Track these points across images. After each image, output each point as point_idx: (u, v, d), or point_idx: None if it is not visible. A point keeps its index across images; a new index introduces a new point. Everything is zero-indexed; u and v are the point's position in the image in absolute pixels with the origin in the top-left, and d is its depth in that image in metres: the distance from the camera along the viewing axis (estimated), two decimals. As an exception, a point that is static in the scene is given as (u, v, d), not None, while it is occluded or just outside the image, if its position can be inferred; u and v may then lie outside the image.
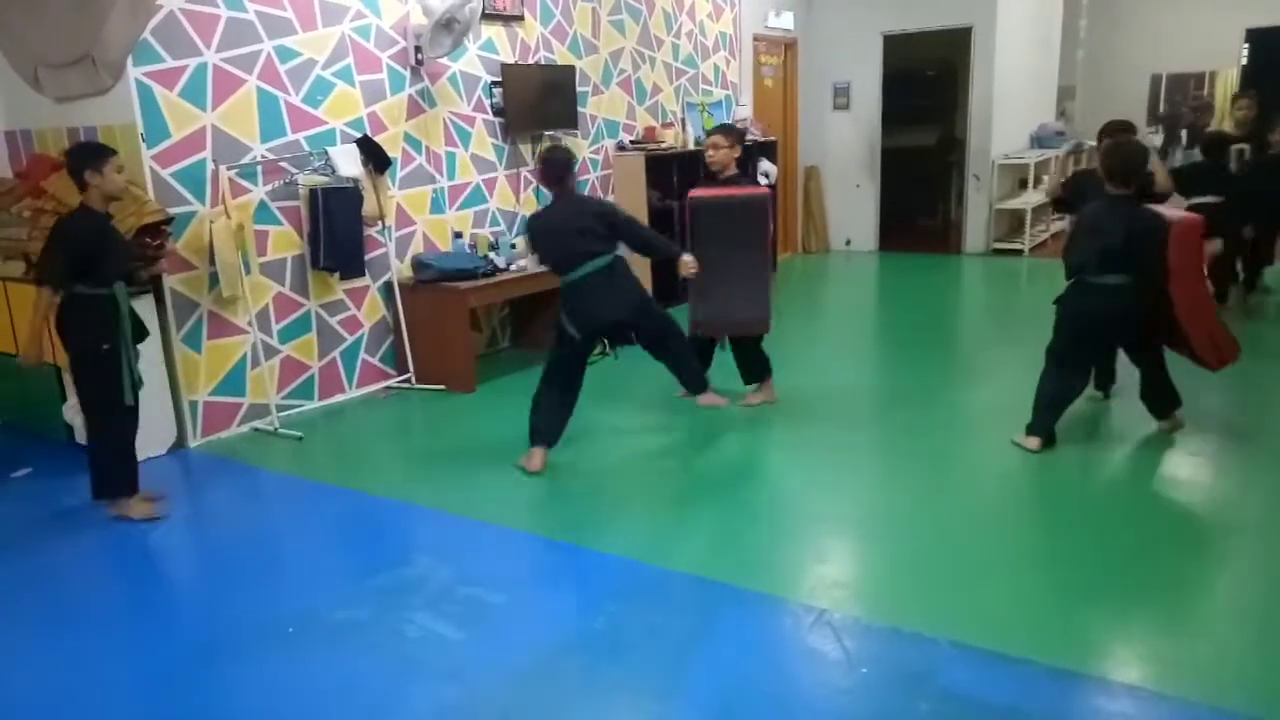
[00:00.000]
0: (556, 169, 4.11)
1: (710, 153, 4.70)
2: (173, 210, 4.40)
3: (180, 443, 4.64)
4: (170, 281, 4.50)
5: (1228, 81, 11.65)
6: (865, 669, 2.61)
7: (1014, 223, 9.77)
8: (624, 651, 2.75)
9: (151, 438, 4.48)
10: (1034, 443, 4.15)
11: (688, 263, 4.33)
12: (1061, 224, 10.53)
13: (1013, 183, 9.93)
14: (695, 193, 4.61)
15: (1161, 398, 4.31)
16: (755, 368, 4.90)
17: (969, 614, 2.84)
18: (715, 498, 3.88)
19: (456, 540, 3.57)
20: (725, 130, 4.76)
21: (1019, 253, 9.36)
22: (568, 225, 4.07)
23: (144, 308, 4.37)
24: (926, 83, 10.71)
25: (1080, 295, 4.04)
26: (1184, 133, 11.09)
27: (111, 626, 3.04)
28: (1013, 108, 9.66)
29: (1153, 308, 4.02)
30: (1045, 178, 9.88)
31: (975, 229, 9.57)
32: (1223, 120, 9.88)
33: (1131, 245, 3.83)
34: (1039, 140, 10.25)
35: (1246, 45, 11.64)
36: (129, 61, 4.23)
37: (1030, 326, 6.76)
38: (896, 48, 9.47)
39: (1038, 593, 3.00)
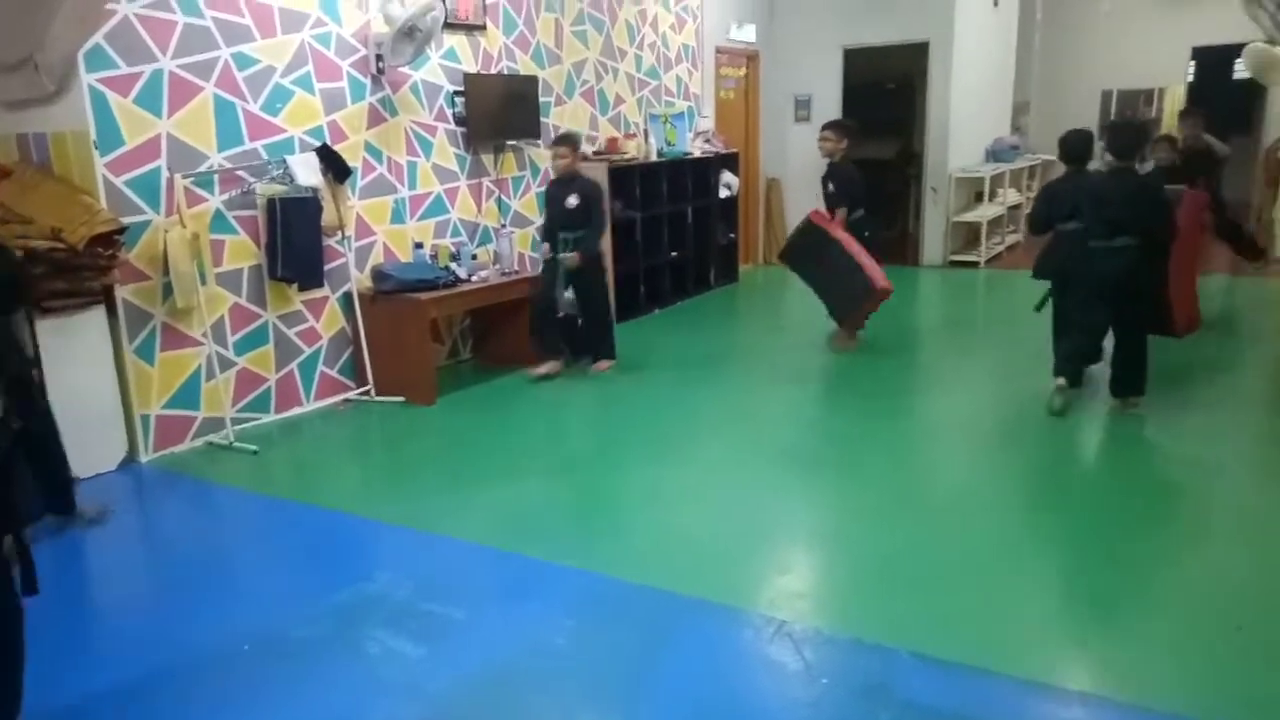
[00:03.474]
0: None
1: (820, 143, 6.11)
2: (126, 219, 4.31)
3: (131, 457, 4.53)
4: (122, 292, 4.41)
5: (1175, 97, 11.99)
6: (826, 680, 2.62)
7: (970, 235, 9.94)
8: (585, 666, 2.74)
9: (101, 452, 4.38)
10: (1061, 381, 4.80)
11: None
12: (1016, 236, 10.76)
13: (969, 196, 10.10)
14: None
15: (1131, 377, 4.71)
16: None
17: (930, 624, 2.88)
18: (676, 509, 3.89)
19: (416, 555, 3.53)
20: (833, 125, 6.18)
21: (975, 265, 9.52)
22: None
23: (94, 319, 4.29)
24: (886, 96, 10.87)
25: (1092, 260, 4.58)
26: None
27: (55, 650, 2.96)
28: (969, 122, 9.84)
29: (1149, 274, 4.66)
30: (1003, 189, 10.07)
31: (933, 241, 9.71)
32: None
33: (1138, 209, 4.47)
34: (994, 154, 10.44)
35: (1193, 62, 11.99)
36: (81, 67, 4.15)
37: (989, 336, 6.91)
38: (856, 61, 9.60)
39: (998, 603, 3.04)
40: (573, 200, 5.59)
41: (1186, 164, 6.58)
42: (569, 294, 5.65)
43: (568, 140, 5.71)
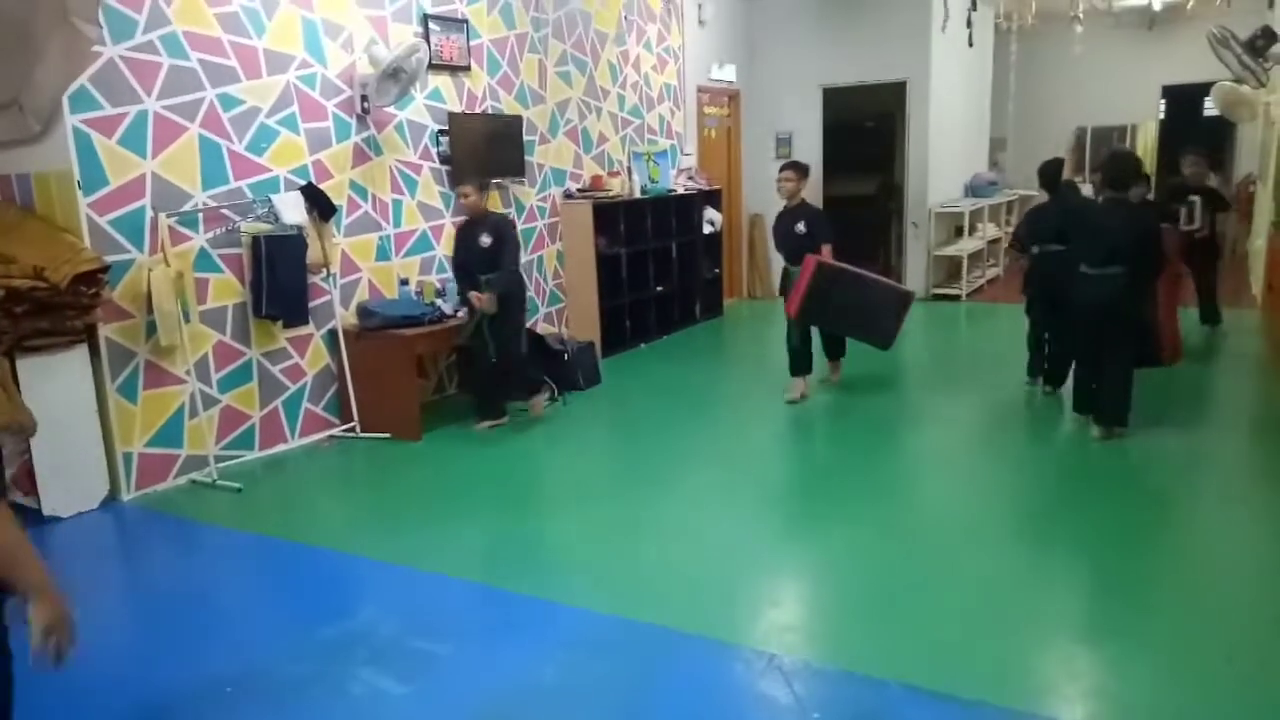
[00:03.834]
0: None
1: (781, 183, 5.87)
2: (110, 258, 4.31)
3: (113, 496, 4.48)
4: (105, 331, 4.39)
5: (1148, 133, 12.24)
6: (817, 714, 2.60)
7: (951, 268, 10.05)
8: (575, 701, 2.71)
9: (83, 491, 4.33)
10: (1099, 431, 4.84)
11: None
12: (996, 269, 10.89)
13: (949, 230, 10.22)
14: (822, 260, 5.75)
15: (1116, 407, 4.78)
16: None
17: (920, 656, 2.86)
18: (664, 544, 3.87)
19: (401, 591, 3.50)
20: (794, 166, 5.92)
21: (957, 298, 9.61)
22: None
23: (76, 358, 4.27)
24: (865, 133, 11.02)
25: (1083, 285, 4.76)
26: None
27: (35, 693, 2.89)
28: (948, 158, 9.99)
29: (1139, 303, 4.82)
30: (981, 224, 10.21)
31: (915, 275, 9.80)
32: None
33: (1132, 239, 4.62)
34: (973, 189, 10.60)
35: (1163, 100, 12.26)
36: (66, 108, 4.16)
37: (973, 368, 6.95)
38: (836, 100, 9.76)
39: (988, 634, 3.03)
40: (485, 239, 5.29)
41: (1171, 198, 6.83)
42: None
43: (468, 182, 5.39)
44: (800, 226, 5.84)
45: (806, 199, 5.99)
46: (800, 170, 5.91)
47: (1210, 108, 9.79)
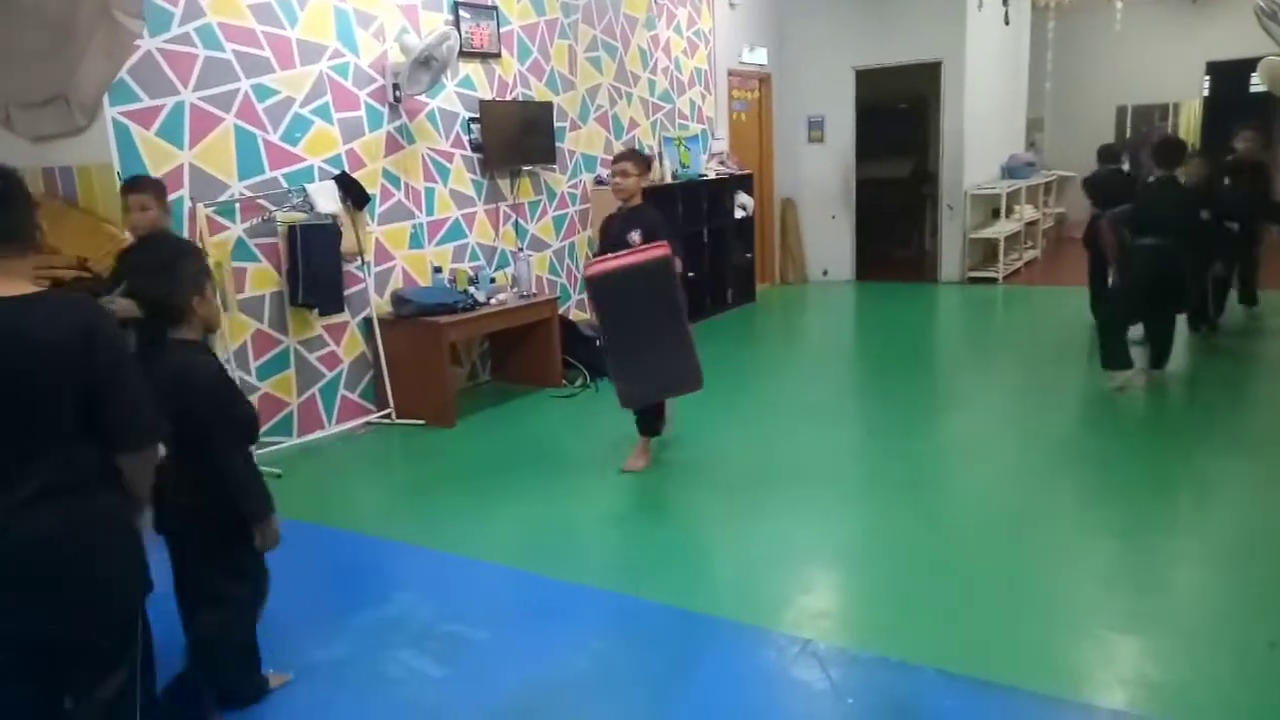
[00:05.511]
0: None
1: (618, 180, 4.46)
2: (149, 248, 4.38)
3: (156, 483, 4.57)
4: (146, 320, 4.46)
5: (1191, 111, 11.96)
6: (851, 699, 2.60)
7: (988, 251, 9.91)
8: (609, 687, 2.73)
9: (126, 478, 4.42)
10: (1119, 378, 5.36)
11: None
12: (1034, 251, 10.74)
13: (985, 213, 10.08)
14: (591, 267, 4.14)
15: (1161, 353, 5.49)
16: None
17: (954, 642, 2.84)
18: (697, 530, 3.87)
19: (437, 576, 3.53)
20: (633, 157, 4.55)
21: (993, 281, 9.48)
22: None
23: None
24: (899, 116, 10.89)
25: (1140, 254, 5.31)
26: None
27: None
28: (983, 139, 9.84)
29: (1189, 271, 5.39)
30: (1018, 206, 10.06)
31: (950, 258, 9.69)
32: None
33: (1181, 214, 5.22)
34: (1010, 171, 10.43)
35: (1208, 77, 11.96)
36: (105, 101, 4.23)
37: (1010, 352, 6.86)
38: (868, 82, 9.64)
39: (1023, 620, 3.00)
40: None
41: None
42: None
43: (149, 186, 3.78)
44: (634, 235, 4.40)
45: (644, 201, 4.64)
46: (641, 162, 4.53)
47: (1257, 84, 9.53)
